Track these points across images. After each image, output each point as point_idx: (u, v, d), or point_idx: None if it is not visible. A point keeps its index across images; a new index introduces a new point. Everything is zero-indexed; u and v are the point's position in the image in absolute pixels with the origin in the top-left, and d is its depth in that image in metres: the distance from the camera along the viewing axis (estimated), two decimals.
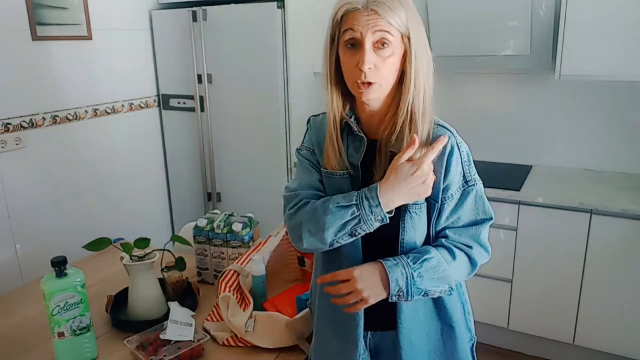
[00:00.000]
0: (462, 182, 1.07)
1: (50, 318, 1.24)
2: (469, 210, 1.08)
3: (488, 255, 1.12)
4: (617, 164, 2.66)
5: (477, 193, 1.08)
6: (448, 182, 1.05)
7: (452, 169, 1.04)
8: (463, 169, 1.06)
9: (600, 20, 2.27)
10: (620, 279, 2.27)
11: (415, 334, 1.12)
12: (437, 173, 1.04)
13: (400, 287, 1.01)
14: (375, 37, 0.98)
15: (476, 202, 1.08)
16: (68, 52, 2.61)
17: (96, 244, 1.41)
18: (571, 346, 2.48)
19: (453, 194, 1.06)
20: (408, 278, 1.01)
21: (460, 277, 1.10)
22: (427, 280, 1.03)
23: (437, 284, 1.05)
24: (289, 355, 1.32)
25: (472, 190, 1.07)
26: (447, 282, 1.06)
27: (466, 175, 1.07)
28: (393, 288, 1.01)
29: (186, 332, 1.29)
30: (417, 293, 1.03)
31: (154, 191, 3.28)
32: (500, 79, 2.85)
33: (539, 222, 2.38)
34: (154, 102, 3.19)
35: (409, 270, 1.02)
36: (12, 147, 2.40)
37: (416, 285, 1.02)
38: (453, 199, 1.07)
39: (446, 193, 1.06)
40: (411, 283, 1.01)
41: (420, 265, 1.03)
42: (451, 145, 1.04)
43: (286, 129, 2.90)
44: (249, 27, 2.78)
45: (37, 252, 2.49)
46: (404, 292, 1.02)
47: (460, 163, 1.06)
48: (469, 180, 1.07)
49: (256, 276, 1.45)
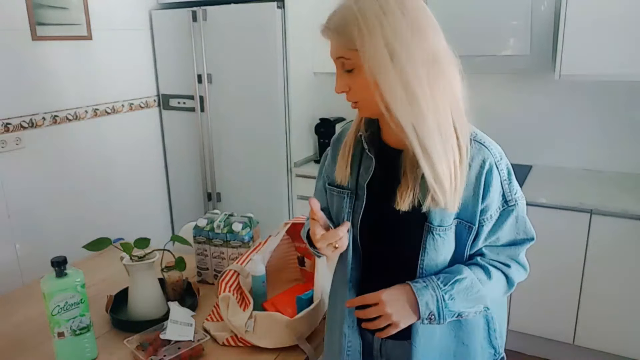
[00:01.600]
0: (502, 202, 1.00)
1: (50, 318, 1.24)
2: (509, 231, 1.03)
3: (526, 273, 1.07)
4: (617, 164, 2.66)
5: (518, 213, 1.02)
6: (487, 203, 0.98)
7: (491, 189, 0.97)
8: (502, 188, 1.00)
9: (600, 20, 2.27)
10: (620, 279, 2.27)
11: (429, 350, 1.06)
12: (473, 195, 0.98)
13: (431, 310, 0.97)
14: (337, 62, 0.97)
15: (517, 223, 1.03)
16: (68, 52, 2.61)
17: (96, 244, 1.41)
18: (571, 346, 2.48)
19: (492, 215, 1.00)
20: (439, 301, 0.97)
21: (497, 297, 1.06)
22: (460, 302, 0.99)
23: (471, 305, 1.01)
24: (289, 355, 1.32)
25: (512, 211, 1.01)
26: (482, 302, 1.02)
27: (506, 195, 1.00)
28: (423, 312, 0.96)
29: (186, 332, 1.29)
30: (449, 316, 0.99)
31: (154, 191, 3.28)
32: (500, 79, 2.85)
33: (539, 222, 2.36)
34: (154, 102, 3.19)
35: (440, 293, 0.97)
36: (12, 147, 2.40)
37: (448, 307, 0.97)
38: (492, 219, 1.00)
39: (484, 215, 0.99)
40: (443, 306, 0.97)
41: (452, 287, 0.98)
42: (489, 164, 0.97)
43: (286, 129, 2.90)
44: (249, 27, 2.78)
45: (37, 252, 2.49)
46: (435, 316, 0.97)
47: (500, 182, 0.99)
48: (509, 200, 1.01)
49: (256, 276, 1.45)
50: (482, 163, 0.97)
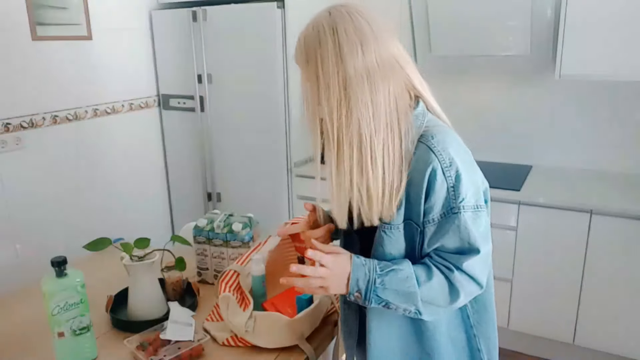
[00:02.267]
0: (446, 208, 0.99)
1: (50, 318, 1.24)
2: (452, 239, 1.00)
3: (477, 287, 1.02)
4: (617, 164, 2.66)
5: (460, 222, 0.98)
6: (429, 206, 0.99)
7: (433, 194, 0.98)
8: (448, 194, 0.98)
9: (600, 20, 2.28)
10: (620, 279, 2.27)
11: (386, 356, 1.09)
12: (413, 196, 1.00)
13: (359, 288, 0.99)
14: None
15: (460, 231, 0.99)
16: (68, 52, 2.61)
17: (96, 244, 1.41)
18: (571, 346, 2.48)
19: (434, 219, 1.00)
20: (370, 282, 0.99)
21: (436, 301, 1.00)
22: (390, 292, 0.99)
23: (402, 300, 0.99)
24: (289, 355, 1.32)
25: (455, 219, 0.98)
26: (413, 301, 0.99)
27: (450, 202, 0.98)
28: (352, 287, 0.99)
29: (186, 332, 1.29)
30: (376, 301, 0.99)
31: (154, 191, 3.28)
32: (500, 79, 2.85)
33: (539, 222, 2.38)
34: (154, 102, 3.19)
35: (373, 275, 0.99)
36: (12, 147, 2.40)
37: (376, 292, 0.98)
38: (434, 223, 1.00)
39: (427, 217, 1.00)
40: (371, 288, 0.99)
41: (386, 274, 0.99)
42: (433, 168, 0.97)
43: (286, 129, 2.90)
44: (249, 27, 2.78)
45: (37, 252, 2.49)
46: (362, 295, 0.99)
47: (445, 188, 0.98)
48: (453, 207, 0.98)
49: (256, 276, 1.45)
50: (425, 166, 0.97)
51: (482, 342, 1.11)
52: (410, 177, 0.99)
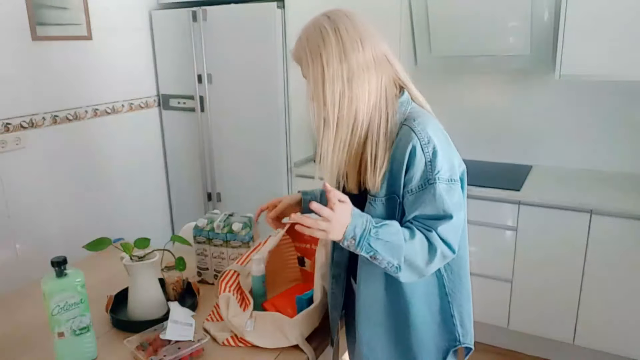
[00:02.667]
0: (423, 180, 1.12)
1: (50, 318, 1.24)
2: (429, 206, 1.13)
3: (452, 253, 1.14)
4: (617, 164, 2.66)
5: (436, 192, 1.12)
6: (408, 177, 1.13)
7: (412, 167, 1.12)
8: (425, 167, 1.12)
9: (600, 20, 2.28)
10: (620, 279, 2.27)
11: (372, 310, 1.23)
12: (395, 171, 1.13)
13: (355, 234, 1.08)
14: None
15: (436, 201, 1.12)
16: (68, 52, 2.61)
17: (96, 244, 1.41)
18: (571, 346, 2.48)
19: (413, 189, 1.13)
20: (365, 231, 1.08)
21: (417, 259, 1.11)
22: (380, 244, 1.08)
23: (388, 253, 1.09)
24: (289, 355, 1.32)
25: (432, 189, 1.12)
26: (398, 255, 1.09)
27: (427, 174, 1.12)
28: (348, 233, 1.07)
29: (186, 332, 1.29)
30: (367, 250, 1.09)
31: (154, 191, 3.28)
32: (500, 79, 2.85)
33: (539, 222, 2.38)
34: (154, 102, 3.19)
35: (369, 226, 1.09)
36: (12, 147, 2.40)
37: (369, 242, 1.08)
38: (413, 194, 1.14)
39: (406, 187, 1.14)
40: (366, 237, 1.08)
41: (380, 228, 1.10)
42: (413, 145, 1.11)
43: (286, 129, 2.90)
44: (249, 27, 2.78)
45: (37, 252, 2.49)
46: (355, 241, 1.08)
47: (423, 162, 1.11)
48: (430, 179, 1.12)
49: (256, 276, 1.45)
50: (406, 144, 1.12)
51: (456, 309, 1.25)
52: (394, 154, 1.14)
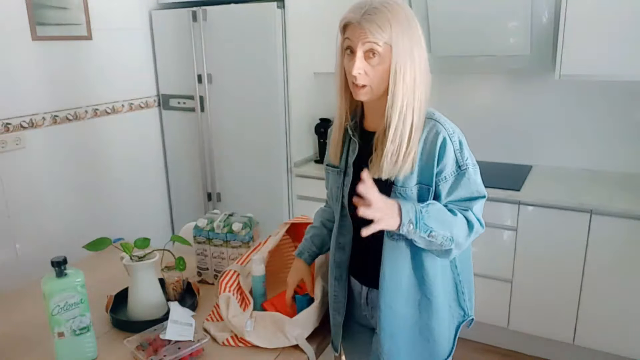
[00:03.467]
0: (455, 167, 1.21)
1: (50, 318, 1.24)
2: (463, 190, 1.22)
3: (482, 228, 1.25)
4: (617, 164, 2.66)
5: (469, 176, 1.21)
6: (440, 167, 1.20)
7: (444, 157, 1.19)
8: (455, 155, 1.20)
9: (600, 20, 2.27)
10: (620, 279, 2.27)
11: (395, 299, 1.26)
12: (426, 161, 1.19)
13: (410, 218, 1.13)
14: (365, 47, 1.14)
15: (470, 183, 1.22)
16: (68, 52, 2.61)
17: (96, 244, 1.41)
18: (571, 346, 2.48)
19: (447, 177, 1.21)
20: (417, 212, 1.14)
21: (460, 236, 1.20)
22: (433, 220, 1.16)
23: (441, 227, 1.16)
24: (289, 355, 1.32)
25: (465, 173, 1.21)
26: (449, 229, 1.17)
27: (459, 161, 1.20)
28: (405, 217, 1.13)
29: (186, 332, 1.29)
30: (424, 229, 1.14)
31: (154, 191, 3.28)
32: (500, 79, 2.85)
33: (539, 222, 2.38)
34: (154, 102, 3.19)
35: (418, 207, 1.15)
36: (12, 147, 2.40)
37: (424, 220, 1.14)
38: (447, 181, 1.21)
39: (439, 176, 1.20)
40: (420, 217, 1.14)
41: (427, 206, 1.17)
42: (442, 137, 1.19)
43: (286, 129, 2.90)
44: (249, 27, 2.78)
45: (37, 252, 2.49)
46: (413, 224, 1.13)
47: (453, 151, 1.20)
48: (462, 165, 1.21)
49: (256, 276, 1.45)
50: (436, 136, 1.19)
51: (465, 287, 1.34)
52: (424, 146, 1.20)
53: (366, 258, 1.32)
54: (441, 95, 2.89)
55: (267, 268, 1.48)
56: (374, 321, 1.36)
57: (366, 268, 1.33)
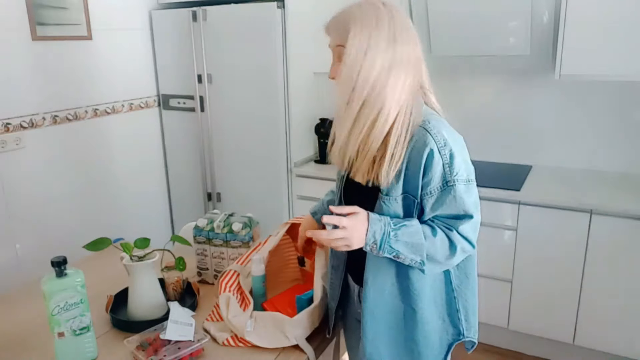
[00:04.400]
0: (442, 182, 1.14)
1: (50, 318, 1.24)
2: (449, 207, 1.16)
3: (471, 248, 1.19)
4: (617, 164, 2.66)
5: (456, 193, 1.14)
6: (426, 181, 1.14)
7: (430, 170, 1.13)
8: (444, 169, 1.13)
9: (600, 20, 2.27)
10: (620, 279, 2.27)
11: (377, 306, 1.24)
12: (412, 172, 1.14)
13: (375, 239, 1.12)
14: (335, 51, 1.18)
15: (456, 201, 1.15)
16: (68, 52, 2.61)
17: (96, 244, 1.41)
18: (571, 346, 2.48)
19: (432, 191, 1.15)
20: (384, 235, 1.12)
21: (438, 256, 1.16)
22: (401, 244, 1.13)
23: (410, 251, 1.14)
24: (289, 355, 1.32)
25: (451, 190, 1.14)
26: (420, 253, 1.14)
27: (446, 176, 1.13)
28: (369, 239, 1.12)
29: (186, 332, 1.29)
30: (388, 252, 1.13)
31: (154, 191, 3.28)
32: (500, 79, 2.85)
33: (539, 222, 2.38)
34: (154, 102, 3.19)
35: (387, 229, 1.12)
36: (12, 147, 2.40)
37: (390, 244, 1.12)
38: (432, 196, 1.15)
39: (425, 190, 1.15)
40: (386, 240, 1.12)
41: (399, 228, 1.13)
42: (430, 148, 1.12)
43: (286, 129, 2.90)
44: (249, 27, 2.78)
45: (37, 252, 2.49)
46: (377, 246, 1.12)
47: (441, 165, 1.13)
48: (449, 181, 1.14)
49: (256, 276, 1.45)
50: (423, 147, 1.12)
51: (461, 304, 1.27)
52: (410, 155, 1.14)
53: (361, 255, 1.30)
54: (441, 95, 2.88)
55: (267, 268, 1.48)
56: None
57: (359, 266, 1.32)
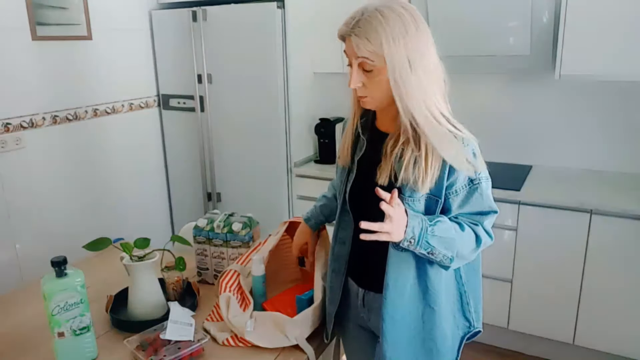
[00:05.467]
0: (467, 181, 1.18)
1: (50, 318, 1.24)
2: (475, 204, 1.20)
3: (491, 241, 1.24)
4: (617, 164, 2.66)
5: (482, 191, 1.19)
6: (452, 180, 1.16)
7: (456, 170, 1.15)
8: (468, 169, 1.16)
9: (600, 20, 2.27)
10: (620, 279, 2.27)
11: (398, 309, 1.24)
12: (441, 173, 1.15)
13: (414, 234, 1.11)
14: (358, 61, 1.13)
15: (482, 199, 1.20)
16: (68, 52, 2.61)
17: (96, 244, 1.41)
18: (571, 346, 2.48)
19: (458, 190, 1.18)
20: (422, 230, 1.12)
21: (465, 250, 1.19)
22: (436, 240, 1.13)
23: (443, 247, 1.14)
24: (289, 355, 1.32)
25: (477, 188, 1.19)
26: (451, 248, 1.15)
27: (470, 176, 1.17)
28: (408, 233, 1.11)
29: (186, 332, 1.29)
30: (424, 247, 1.13)
31: (154, 191, 3.28)
32: (500, 79, 2.85)
33: (539, 222, 2.38)
34: (154, 102, 3.19)
35: (425, 224, 1.13)
36: (12, 147, 2.40)
37: (427, 239, 1.12)
38: (458, 195, 1.18)
39: (450, 189, 1.18)
40: (423, 236, 1.12)
41: (435, 224, 1.14)
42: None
43: (286, 129, 2.90)
44: (249, 27, 2.78)
45: (37, 252, 2.49)
46: (415, 241, 1.12)
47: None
48: (474, 179, 1.18)
49: (256, 276, 1.45)
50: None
51: (471, 297, 1.31)
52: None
53: (365, 258, 1.32)
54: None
55: (267, 268, 1.48)
56: (371, 324, 1.36)
57: (364, 269, 1.33)
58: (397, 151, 1.16)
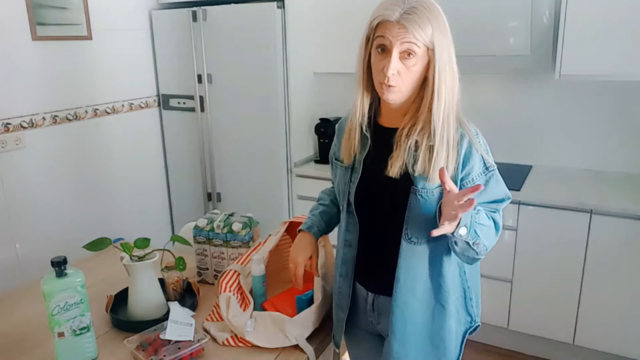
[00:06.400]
0: (483, 169, 1.19)
1: (50, 318, 1.24)
2: (493, 192, 1.22)
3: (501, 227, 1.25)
4: (617, 164, 2.66)
5: (498, 177, 1.22)
6: (467, 170, 1.17)
7: (470, 160, 1.17)
8: (482, 157, 1.19)
9: (600, 20, 2.28)
10: (620, 279, 2.27)
11: (408, 306, 1.24)
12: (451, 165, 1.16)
13: (466, 222, 1.10)
14: (402, 47, 1.11)
15: (499, 185, 1.23)
16: (68, 52, 2.61)
17: (96, 244, 1.41)
18: (571, 346, 2.48)
19: (474, 179, 1.18)
20: (472, 219, 1.12)
21: (492, 239, 1.20)
22: (481, 227, 1.15)
23: (484, 237, 1.15)
24: (289, 355, 1.32)
25: (493, 175, 1.21)
26: (488, 237, 1.17)
27: (486, 163, 1.19)
28: (462, 222, 1.09)
29: (186, 332, 1.29)
30: (473, 237, 1.12)
31: (154, 191, 3.28)
32: (500, 79, 2.85)
33: (539, 222, 2.38)
34: (154, 102, 3.19)
35: (472, 211, 1.12)
36: (12, 147, 2.40)
37: (475, 228, 1.12)
38: (474, 183, 1.18)
39: (466, 179, 1.18)
40: (473, 224, 1.12)
41: (477, 212, 1.16)
42: (468, 140, 1.17)
43: (286, 129, 2.90)
44: (249, 27, 2.78)
45: (37, 252, 2.49)
46: (467, 229, 1.11)
47: (479, 154, 1.18)
48: (489, 166, 1.20)
49: (256, 276, 1.45)
50: (461, 139, 1.17)
51: (473, 292, 1.32)
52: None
53: (373, 261, 1.30)
54: None
55: (267, 268, 1.48)
56: (380, 327, 1.35)
57: (372, 273, 1.31)
58: (411, 142, 1.16)
